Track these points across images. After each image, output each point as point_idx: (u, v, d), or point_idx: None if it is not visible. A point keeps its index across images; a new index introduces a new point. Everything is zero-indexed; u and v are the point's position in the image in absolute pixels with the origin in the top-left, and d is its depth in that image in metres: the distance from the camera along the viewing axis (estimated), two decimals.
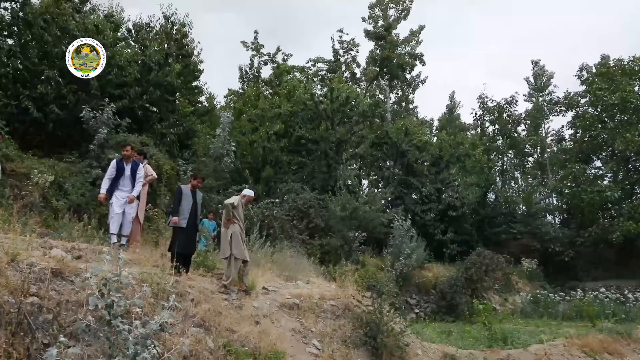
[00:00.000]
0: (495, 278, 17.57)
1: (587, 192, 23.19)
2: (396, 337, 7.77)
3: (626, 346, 12.40)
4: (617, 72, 25.45)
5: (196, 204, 7.62)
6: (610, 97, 24.06)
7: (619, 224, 21.88)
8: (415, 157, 22.43)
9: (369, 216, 17.02)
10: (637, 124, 23.46)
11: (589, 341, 11.43)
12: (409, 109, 37.21)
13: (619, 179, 24.95)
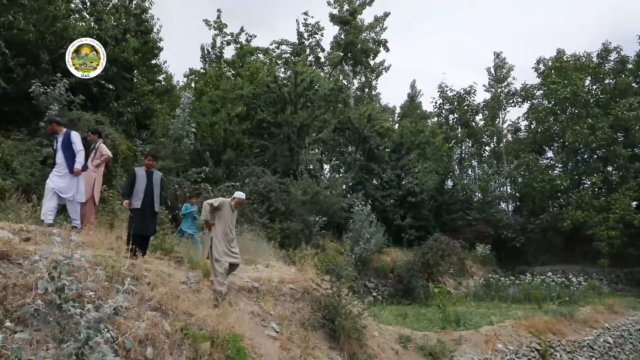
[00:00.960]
0: (451, 263, 18.17)
1: (538, 181, 24.21)
2: (354, 319, 7.92)
3: (568, 326, 13.15)
4: (570, 66, 26.48)
5: (152, 185, 7.32)
6: (563, 91, 25.04)
7: (567, 212, 23.00)
8: (376, 143, 22.67)
9: (330, 201, 17.13)
10: (587, 118, 24.56)
11: (535, 322, 12.04)
12: (372, 95, 37.43)
13: (568, 169, 26.13)
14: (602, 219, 21.63)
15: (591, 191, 24.07)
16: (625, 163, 23.24)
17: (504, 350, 10.15)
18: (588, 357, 12.80)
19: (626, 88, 25.02)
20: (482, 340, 10.10)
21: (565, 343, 12.15)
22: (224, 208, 7.44)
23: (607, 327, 14.60)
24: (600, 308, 15.77)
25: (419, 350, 9.09)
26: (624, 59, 25.68)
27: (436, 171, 25.14)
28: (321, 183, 17.92)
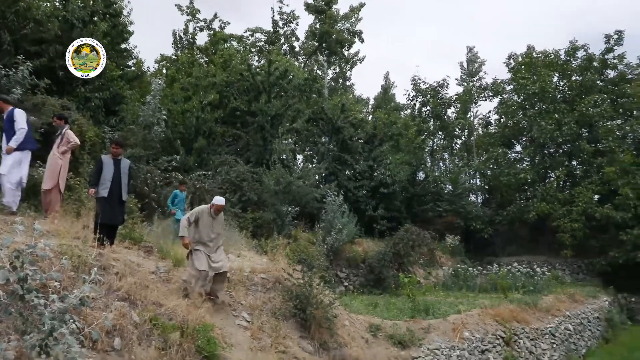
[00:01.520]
0: (421, 253, 18.49)
1: (506, 175, 24.82)
2: (325, 309, 7.98)
3: (532, 315, 13.61)
4: (540, 63, 27.11)
5: (120, 173, 7.12)
6: (532, 87, 25.63)
7: (533, 204, 23.68)
8: (350, 134, 22.73)
9: (303, 191, 17.12)
10: (553, 113, 25.23)
11: (501, 311, 12.39)
12: (346, 86, 37.47)
13: (535, 163, 26.84)
14: (566, 211, 22.36)
15: (556, 184, 24.84)
16: (589, 158, 24.02)
17: (471, 338, 10.42)
18: (549, 344, 13.29)
19: (592, 85, 25.78)
20: (450, 328, 10.34)
21: (528, 331, 12.57)
22: (203, 217, 7.04)
23: (568, 315, 15.18)
24: (562, 297, 16.37)
25: (389, 339, 9.24)
26: (590, 57, 26.43)
27: (408, 163, 25.43)
28: (294, 173, 17.88)
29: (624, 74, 26.38)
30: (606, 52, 26.25)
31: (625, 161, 21.90)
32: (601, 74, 26.64)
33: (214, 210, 7.10)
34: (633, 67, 26.39)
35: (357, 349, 8.33)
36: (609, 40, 26.15)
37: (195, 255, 6.89)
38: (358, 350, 8.33)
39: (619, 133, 24.37)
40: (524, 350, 11.98)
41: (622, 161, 21.93)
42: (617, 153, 22.47)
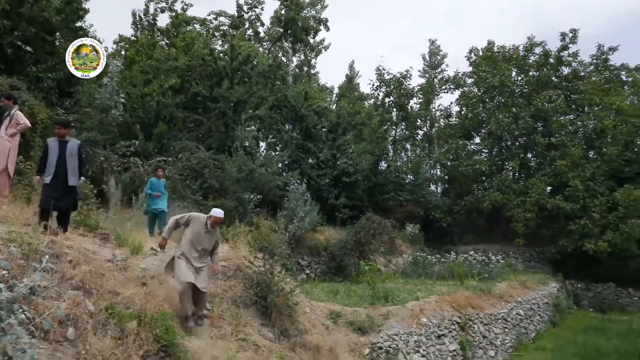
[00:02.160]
0: (382, 241, 18.81)
1: (465, 165, 25.50)
2: (286, 296, 8.00)
3: (486, 301, 14.12)
4: (499, 57, 27.86)
5: (65, 156, 6.63)
6: (492, 80, 26.34)
7: (489, 195, 24.48)
8: (313, 122, 22.71)
9: (265, 179, 17.02)
10: (511, 107, 26.05)
11: (457, 297, 12.80)
12: (310, 74, 37.30)
13: (492, 155, 27.69)
14: (520, 201, 23.24)
15: (511, 176, 25.77)
16: (543, 151, 25.00)
17: (428, 324, 10.72)
18: (502, 328, 13.86)
19: (547, 81, 26.76)
20: (408, 314, 10.59)
21: (482, 316, 13.05)
22: (194, 225, 6.52)
23: (520, 301, 15.85)
24: (515, 284, 17.06)
25: (349, 325, 9.38)
26: (547, 53, 27.37)
27: (371, 152, 25.69)
28: (257, 160, 17.72)
29: (577, 71, 27.52)
30: (561, 49, 27.28)
31: (576, 155, 22.95)
32: (556, 71, 27.69)
33: (211, 223, 6.57)
34: (586, 65, 27.58)
35: (317, 336, 8.41)
36: (565, 38, 27.17)
37: (177, 264, 6.36)
38: (318, 337, 8.41)
39: (571, 128, 25.49)
40: (478, 335, 12.44)
41: (573, 155, 22.96)
42: (569, 147, 23.49)
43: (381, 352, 9.05)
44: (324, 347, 8.22)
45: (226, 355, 6.06)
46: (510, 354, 13.66)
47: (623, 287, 21.89)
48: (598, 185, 22.26)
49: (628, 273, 21.34)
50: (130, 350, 4.96)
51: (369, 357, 8.85)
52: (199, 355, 5.80)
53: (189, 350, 5.67)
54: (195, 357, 5.70)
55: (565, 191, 22.50)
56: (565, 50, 27.30)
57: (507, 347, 13.79)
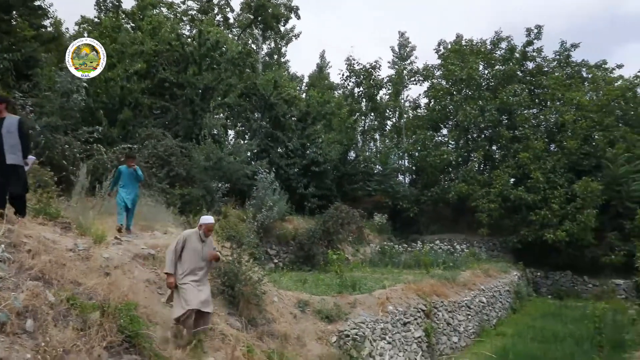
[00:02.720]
0: (350, 231, 18.97)
1: (432, 156, 25.93)
2: (254, 285, 7.99)
3: (450, 289, 14.49)
4: (467, 51, 28.32)
5: (0, 134, 6.23)
6: (459, 73, 26.77)
7: (455, 185, 25.01)
8: (283, 111, 22.56)
9: (234, 167, 16.84)
10: (477, 100, 26.58)
11: (423, 285, 13.07)
12: (280, 62, 36.97)
13: (459, 146, 28.24)
14: (484, 192, 23.83)
15: (476, 167, 26.37)
16: (507, 143, 25.66)
17: (394, 312, 10.91)
18: (465, 315, 14.27)
19: (512, 75, 27.40)
20: (375, 302, 10.75)
21: (447, 303, 13.38)
22: (190, 242, 6.18)
23: (483, 289, 16.34)
24: (478, 272, 17.56)
25: (316, 314, 9.45)
26: (513, 48, 28.01)
27: (340, 142, 25.76)
28: (225, 149, 17.49)
29: (541, 67, 28.30)
30: (527, 44, 27.96)
31: (538, 148, 23.68)
32: (521, 65, 28.37)
33: (204, 231, 6.30)
34: (549, 61, 28.39)
35: (285, 325, 8.44)
36: (530, 33, 27.83)
37: (182, 291, 5.99)
38: (286, 325, 8.44)
39: (534, 121, 26.25)
40: (442, 322, 12.77)
41: (535, 147, 23.68)
42: (532, 140, 24.21)
43: (348, 339, 9.16)
44: (291, 336, 8.27)
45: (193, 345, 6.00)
46: (473, 340, 14.09)
47: (579, 275, 22.87)
48: (558, 178, 23.07)
49: (584, 262, 22.29)
50: (93, 342, 4.85)
51: (336, 345, 8.95)
52: (165, 345, 5.73)
53: (154, 341, 5.59)
54: (161, 348, 5.63)
55: (527, 183, 23.22)
56: (530, 46, 27.98)
57: (469, 333, 14.23)
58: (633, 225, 20.92)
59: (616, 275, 21.60)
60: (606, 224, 22.15)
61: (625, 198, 22.19)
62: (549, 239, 21.55)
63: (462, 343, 13.56)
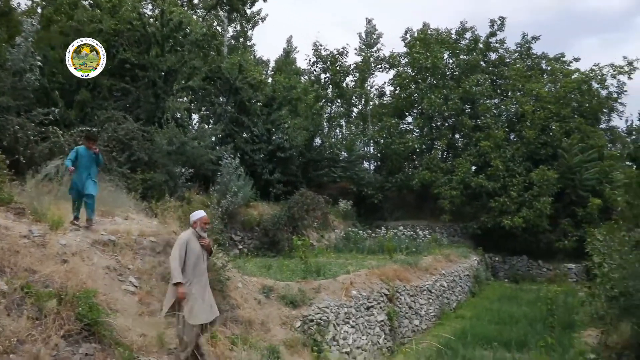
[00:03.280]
0: (315, 217, 19.04)
1: (397, 144, 26.27)
2: (218, 271, 7.93)
3: (413, 273, 14.82)
4: (433, 39, 28.64)
5: None
6: (425, 62, 27.08)
7: (418, 173, 25.48)
8: (248, 95, 22.22)
9: (198, 152, 16.52)
10: (442, 88, 27.00)
11: (386, 270, 13.32)
12: (246, 46, 36.32)
13: (423, 134, 28.69)
14: (447, 180, 24.39)
15: (440, 155, 26.92)
16: (469, 132, 26.27)
17: (358, 296, 11.08)
18: (427, 299, 14.66)
19: (476, 65, 27.96)
20: (339, 287, 10.87)
21: (409, 288, 13.70)
22: (190, 245, 5.83)
23: (444, 273, 16.80)
24: (440, 257, 18.03)
25: (281, 299, 9.48)
26: (477, 38, 28.53)
27: (306, 128, 25.68)
28: (189, 133, 17.11)
29: (503, 58, 29.00)
30: (490, 35, 28.54)
31: (499, 137, 24.36)
32: (484, 56, 28.98)
33: (202, 226, 6.02)
34: (511, 52, 29.12)
35: (249, 310, 8.43)
36: (493, 25, 28.40)
37: (190, 303, 5.66)
38: (250, 311, 8.44)
39: (495, 111, 26.96)
40: (404, 306, 13.07)
41: (496, 136, 24.35)
42: (493, 129, 24.88)
43: (312, 324, 9.25)
44: (256, 321, 8.27)
45: (155, 331, 5.92)
46: (434, 323, 14.51)
47: (534, 260, 23.87)
48: (517, 166, 23.85)
49: (539, 247, 23.26)
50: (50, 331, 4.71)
51: (300, 330, 9.02)
52: (126, 333, 5.62)
53: (114, 329, 5.48)
54: (122, 336, 5.52)
55: (488, 171, 23.89)
56: (494, 37, 28.58)
57: (430, 316, 14.64)
58: (585, 213, 21.95)
59: (568, 259, 22.67)
60: (560, 211, 23.13)
61: (578, 186, 23.21)
62: (507, 225, 22.32)
63: (423, 326, 13.94)
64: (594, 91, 26.94)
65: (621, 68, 26.61)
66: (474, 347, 10.76)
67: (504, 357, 9.90)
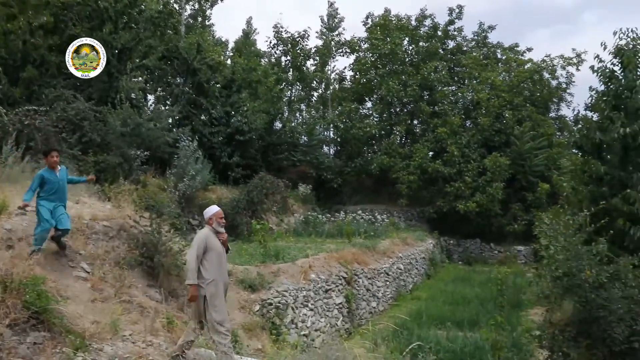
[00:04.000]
0: (274, 201, 18.96)
1: (357, 128, 26.45)
2: (174, 256, 7.79)
3: (371, 257, 15.09)
4: (393, 25, 28.80)
5: None
6: (384, 47, 27.24)
7: (377, 158, 25.80)
8: (207, 77, 21.67)
9: (153, 134, 16.02)
10: (401, 75, 27.30)
11: (344, 254, 13.49)
12: (205, 26, 35.30)
13: (382, 119, 29.00)
14: (404, 165, 24.83)
15: (398, 140, 27.33)
16: (427, 118, 26.77)
17: (317, 280, 11.18)
18: (384, 281, 14.98)
19: (434, 52, 28.39)
20: (298, 271, 10.93)
21: (367, 271, 13.95)
22: (210, 243, 5.46)
23: (400, 256, 17.20)
24: (397, 241, 18.43)
25: (240, 283, 9.44)
26: (436, 26, 28.91)
27: (266, 111, 25.41)
28: (144, 114, 16.55)
29: (460, 46, 29.59)
30: (449, 23, 28.98)
31: (455, 123, 24.96)
32: (443, 43, 29.44)
33: (218, 222, 5.65)
34: (468, 41, 29.73)
35: None
36: (452, 13, 28.84)
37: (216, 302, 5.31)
38: None
39: (452, 98, 27.54)
40: (362, 288, 13.31)
41: (453, 123, 24.94)
42: (450, 115, 25.44)
43: (271, 307, 9.28)
44: None
45: (109, 318, 5.76)
46: (390, 304, 14.88)
47: (486, 243, 24.83)
48: (472, 152, 24.58)
49: (491, 230, 24.19)
50: None
51: (259, 313, 9.03)
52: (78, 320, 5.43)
53: (65, 316, 5.28)
54: (73, 323, 5.33)
55: (444, 156, 24.49)
56: (452, 25, 29.06)
57: (387, 298, 14.99)
58: (534, 197, 22.97)
59: (518, 242, 23.71)
60: (511, 196, 24.10)
61: (528, 172, 24.22)
62: (461, 210, 23.05)
63: (380, 307, 14.27)
64: (545, 81, 28.04)
65: (570, 60, 27.76)
66: (429, 327, 11.14)
67: (456, 336, 10.29)
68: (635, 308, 7.08)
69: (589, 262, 7.47)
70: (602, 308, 7.13)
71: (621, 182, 9.81)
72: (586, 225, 8.19)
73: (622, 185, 9.64)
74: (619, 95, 10.19)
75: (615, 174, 9.96)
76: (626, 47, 10.21)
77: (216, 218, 5.68)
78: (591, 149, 10.68)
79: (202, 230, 5.74)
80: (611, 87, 10.44)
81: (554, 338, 7.94)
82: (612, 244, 8.36)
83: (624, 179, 9.82)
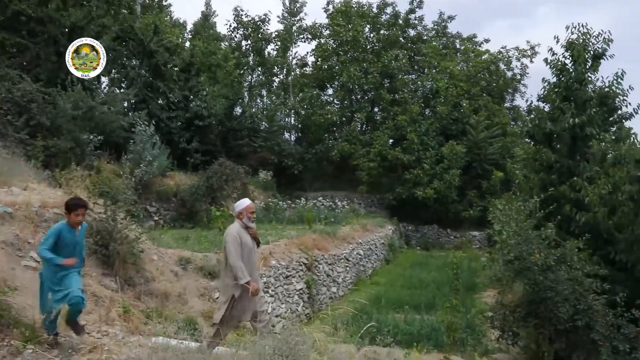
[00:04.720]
0: (234, 187, 18.71)
1: (318, 115, 26.45)
2: (130, 244, 7.58)
3: (331, 243, 15.23)
4: (355, 12, 28.81)
5: None
6: (346, 34, 27.24)
7: (338, 144, 25.94)
8: (164, 59, 21.00)
9: (108, 118, 15.44)
10: (362, 62, 27.42)
11: (305, 240, 13.55)
12: (162, 6, 34.09)
13: (343, 106, 29.11)
14: (365, 152, 25.09)
15: (359, 127, 27.54)
16: (387, 106, 27.07)
17: (277, 266, 11.19)
18: (344, 267, 15.18)
19: (395, 41, 28.66)
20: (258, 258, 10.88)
21: (327, 257, 14.08)
22: (243, 236, 5.38)
23: (360, 242, 17.44)
24: (357, 227, 18.66)
25: (199, 271, 9.32)
26: (397, 14, 29.13)
27: (226, 96, 24.97)
28: (97, 97, 15.91)
29: (421, 35, 30.00)
30: (410, 12, 29.26)
31: (414, 111, 25.38)
32: (404, 32, 29.74)
33: (248, 216, 5.53)
34: (429, 30, 30.15)
35: (165, 283, 8.20)
36: (413, 1, 29.14)
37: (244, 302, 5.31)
38: (167, 283, 8.21)
39: (412, 86, 27.96)
40: (322, 274, 13.43)
41: (412, 111, 25.34)
42: (410, 104, 25.84)
43: None
44: (172, 294, 8.07)
45: None
46: (350, 289, 15.10)
47: (444, 228, 25.54)
48: (430, 140, 25.09)
49: (448, 216, 24.89)
50: None
51: None
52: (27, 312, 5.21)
53: (13, 307, 5.06)
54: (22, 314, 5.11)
55: (404, 144, 24.89)
56: (413, 14, 29.37)
57: (347, 283, 15.21)
58: (489, 185, 23.77)
59: (473, 228, 24.51)
60: (467, 183, 24.83)
61: (483, 160, 25.00)
62: (420, 196, 23.57)
63: (341, 293, 14.46)
64: (501, 72, 28.90)
65: (525, 52, 28.70)
66: (388, 311, 11.39)
67: (414, 318, 10.57)
68: (579, 289, 7.46)
69: (538, 246, 7.81)
70: (550, 289, 7.49)
71: (569, 170, 10.30)
72: (536, 211, 8.57)
73: (570, 174, 10.13)
74: (569, 87, 10.65)
75: (564, 163, 10.44)
76: (577, 42, 10.66)
77: (247, 212, 5.56)
78: (542, 139, 11.15)
79: (233, 226, 5.58)
80: (562, 79, 10.90)
81: (505, 319, 8.30)
82: (559, 228, 8.79)
83: (572, 167, 10.32)
